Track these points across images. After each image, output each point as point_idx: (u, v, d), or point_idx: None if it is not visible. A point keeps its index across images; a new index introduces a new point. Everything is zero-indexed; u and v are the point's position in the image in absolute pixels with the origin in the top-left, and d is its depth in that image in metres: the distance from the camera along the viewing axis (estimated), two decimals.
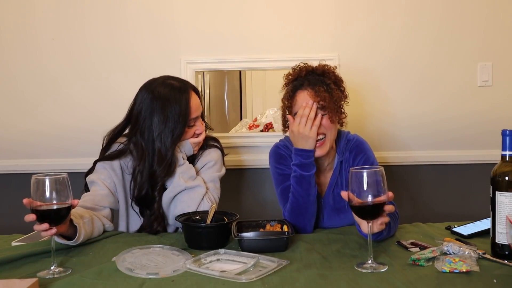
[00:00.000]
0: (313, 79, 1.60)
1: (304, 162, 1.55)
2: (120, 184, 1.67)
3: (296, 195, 1.56)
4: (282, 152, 1.68)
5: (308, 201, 1.56)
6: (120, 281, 1.13)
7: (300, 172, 1.55)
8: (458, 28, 2.33)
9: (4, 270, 1.24)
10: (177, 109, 1.61)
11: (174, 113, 1.61)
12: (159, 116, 1.60)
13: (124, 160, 1.69)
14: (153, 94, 1.63)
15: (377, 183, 1.19)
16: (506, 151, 1.24)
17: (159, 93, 1.62)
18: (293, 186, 1.57)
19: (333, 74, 1.63)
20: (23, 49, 2.32)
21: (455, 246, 1.27)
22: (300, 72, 1.63)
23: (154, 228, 1.63)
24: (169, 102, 1.61)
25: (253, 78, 4.28)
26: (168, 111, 1.60)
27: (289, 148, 1.67)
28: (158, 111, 1.61)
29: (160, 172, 1.61)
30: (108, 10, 2.31)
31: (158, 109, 1.61)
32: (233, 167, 2.26)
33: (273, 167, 1.69)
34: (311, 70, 1.63)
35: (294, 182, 1.56)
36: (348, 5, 2.31)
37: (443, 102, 2.36)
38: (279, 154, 1.68)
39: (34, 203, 1.20)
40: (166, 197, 1.64)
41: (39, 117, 2.35)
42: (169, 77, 1.70)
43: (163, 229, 1.65)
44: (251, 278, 1.11)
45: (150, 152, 1.61)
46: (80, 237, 1.39)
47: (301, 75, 1.62)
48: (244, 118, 3.97)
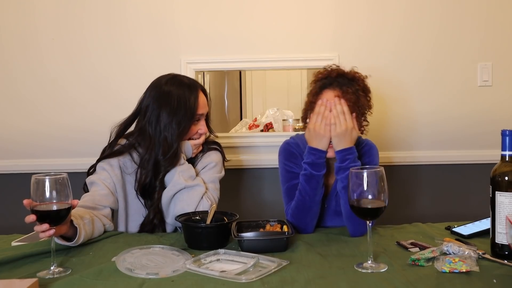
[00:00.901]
0: (343, 81, 1.61)
1: (316, 162, 1.54)
2: (119, 185, 1.68)
3: (303, 193, 1.56)
4: (293, 150, 1.68)
5: (313, 200, 1.56)
6: (120, 281, 1.13)
7: (311, 171, 1.55)
8: (458, 28, 2.33)
9: (4, 270, 1.24)
10: (185, 103, 1.65)
11: (182, 106, 1.65)
12: (167, 108, 1.64)
13: (123, 161, 1.69)
14: (162, 88, 1.68)
15: (377, 183, 1.19)
16: (506, 151, 1.24)
17: (169, 87, 1.68)
18: (302, 184, 1.57)
19: (363, 82, 1.64)
20: (23, 49, 2.32)
21: (455, 246, 1.27)
22: (331, 73, 1.64)
23: (155, 223, 1.65)
24: (178, 95, 1.66)
25: (253, 78, 4.29)
26: (176, 104, 1.65)
27: (300, 147, 1.68)
28: (167, 103, 1.65)
29: (164, 161, 1.64)
30: (108, 10, 2.31)
31: (167, 101, 1.65)
32: (233, 167, 2.26)
33: (281, 163, 1.69)
34: (342, 73, 1.63)
35: (303, 180, 1.56)
36: (348, 5, 2.31)
37: (443, 102, 2.36)
38: (290, 152, 1.68)
39: (34, 203, 1.19)
40: (165, 195, 1.64)
41: (39, 117, 2.35)
42: (179, 75, 1.76)
43: (163, 227, 1.67)
44: (251, 278, 1.11)
45: (156, 142, 1.65)
46: (80, 238, 1.39)
47: (331, 75, 1.63)
48: (244, 118, 3.97)
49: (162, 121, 1.64)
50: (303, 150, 1.64)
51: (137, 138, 1.70)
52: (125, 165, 1.70)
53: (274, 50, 2.32)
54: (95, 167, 1.70)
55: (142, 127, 1.68)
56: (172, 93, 1.66)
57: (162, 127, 1.64)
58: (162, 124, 1.64)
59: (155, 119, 1.65)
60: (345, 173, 1.50)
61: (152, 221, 1.66)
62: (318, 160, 1.54)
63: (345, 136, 1.52)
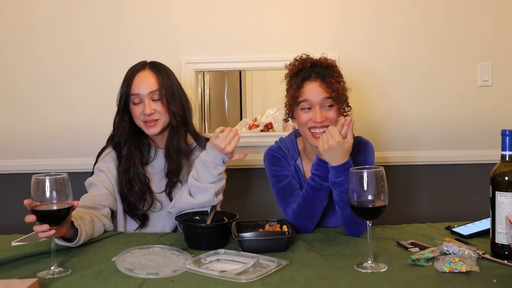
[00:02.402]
0: (319, 70, 1.59)
1: (326, 174, 1.50)
2: (117, 185, 1.69)
3: (307, 201, 1.53)
4: (276, 154, 1.69)
5: (318, 208, 1.55)
6: (119, 281, 1.13)
7: (321, 183, 1.50)
8: (459, 29, 2.33)
9: (4, 270, 1.24)
10: (124, 80, 1.71)
11: (121, 88, 1.71)
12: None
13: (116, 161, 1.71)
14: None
15: (377, 183, 1.19)
16: (506, 151, 1.24)
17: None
18: (307, 192, 1.53)
19: (336, 67, 1.63)
20: (22, 49, 2.32)
21: (455, 246, 1.27)
22: (305, 63, 1.61)
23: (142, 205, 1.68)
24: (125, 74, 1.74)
25: (253, 78, 4.28)
26: (121, 83, 1.72)
27: (282, 149, 1.70)
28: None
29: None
30: (107, 10, 2.31)
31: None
32: (232, 167, 2.26)
33: (267, 169, 1.71)
34: (315, 63, 1.61)
35: (310, 190, 1.52)
36: (349, 5, 2.31)
37: (443, 102, 2.36)
38: (273, 156, 1.69)
39: (34, 204, 1.19)
40: (189, 204, 1.60)
41: (39, 117, 2.35)
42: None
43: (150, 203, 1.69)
44: (251, 278, 1.11)
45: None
46: (81, 239, 1.39)
47: (305, 67, 1.61)
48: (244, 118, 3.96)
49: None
50: (285, 152, 1.67)
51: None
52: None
53: (274, 50, 2.32)
54: (93, 171, 1.71)
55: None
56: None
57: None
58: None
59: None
60: (341, 188, 1.45)
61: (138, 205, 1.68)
62: (327, 172, 1.49)
63: (336, 150, 1.42)
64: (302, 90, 1.57)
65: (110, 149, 1.75)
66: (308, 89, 1.57)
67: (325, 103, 1.56)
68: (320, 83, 1.56)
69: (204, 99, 3.61)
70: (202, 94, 3.50)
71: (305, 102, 1.56)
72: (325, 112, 1.56)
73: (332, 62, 1.63)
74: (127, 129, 1.70)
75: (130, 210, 1.68)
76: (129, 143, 1.70)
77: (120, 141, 1.71)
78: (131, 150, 1.69)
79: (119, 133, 1.71)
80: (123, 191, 1.67)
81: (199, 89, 2.98)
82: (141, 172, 1.68)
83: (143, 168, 1.70)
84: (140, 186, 1.67)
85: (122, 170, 1.67)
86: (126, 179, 1.67)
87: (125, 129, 1.70)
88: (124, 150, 1.70)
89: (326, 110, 1.56)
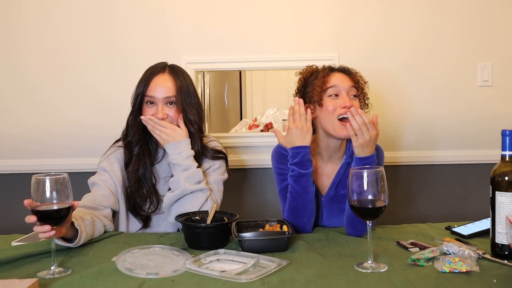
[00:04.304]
0: (341, 68, 1.68)
1: (303, 160, 1.54)
2: (120, 186, 1.69)
3: (294, 194, 1.56)
4: (284, 152, 1.68)
5: (306, 199, 1.56)
6: (120, 281, 1.13)
7: (298, 171, 1.54)
8: (458, 28, 2.33)
9: (4, 270, 1.24)
10: (141, 81, 1.70)
11: (137, 87, 1.70)
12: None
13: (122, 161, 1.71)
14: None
15: (377, 183, 1.19)
16: (506, 151, 1.24)
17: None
18: (291, 185, 1.57)
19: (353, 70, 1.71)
20: (22, 49, 2.33)
21: (455, 246, 1.27)
22: (322, 67, 1.70)
23: (148, 205, 1.68)
24: (142, 75, 1.72)
25: (253, 78, 4.29)
26: (137, 83, 1.71)
27: None
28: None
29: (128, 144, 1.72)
30: (107, 10, 2.31)
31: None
32: (233, 167, 2.25)
33: (274, 167, 1.70)
34: (332, 66, 1.71)
35: (292, 182, 1.56)
36: (349, 5, 2.32)
37: (442, 102, 2.36)
38: (281, 154, 1.68)
39: (34, 204, 1.19)
40: (169, 198, 1.62)
41: (38, 117, 2.35)
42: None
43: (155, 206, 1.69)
44: (251, 278, 1.11)
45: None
46: (81, 240, 1.39)
47: (324, 68, 1.69)
48: (244, 118, 3.97)
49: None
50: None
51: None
52: (124, 166, 1.71)
53: (274, 50, 2.32)
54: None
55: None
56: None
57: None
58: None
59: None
60: None
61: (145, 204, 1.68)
62: (304, 157, 1.54)
63: (368, 145, 1.50)
64: (330, 77, 1.63)
65: (115, 147, 1.74)
66: (335, 77, 1.63)
67: (351, 92, 1.62)
68: (345, 74, 1.65)
69: (204, 99, 3.61)
70: (202, 94, 3.51)
71: (333, 88, 1.61)
72: (351, 100, 1.61)
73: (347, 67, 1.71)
74: (140, 128, 1.70)
75: (135, 210, 1.68)
76: (141, 143, 1.70)
77: (132, 140, 1.71)
78: (142, 150, 1.70)
79: (132, 132, 1.71)
80: (130, 190, 1.67)
81: (199, 89, 2.98)
82: (150, 173, 1.69)
83: (151, 168, 1.71)
84: (148, 187, 1.68)
85: (132, 169, 1.67)
86: (135, 178, 1.67)
87: (138, 128, 1.70)
88: (135, 149, 1.70)
89: (352, 100, 1.61)
